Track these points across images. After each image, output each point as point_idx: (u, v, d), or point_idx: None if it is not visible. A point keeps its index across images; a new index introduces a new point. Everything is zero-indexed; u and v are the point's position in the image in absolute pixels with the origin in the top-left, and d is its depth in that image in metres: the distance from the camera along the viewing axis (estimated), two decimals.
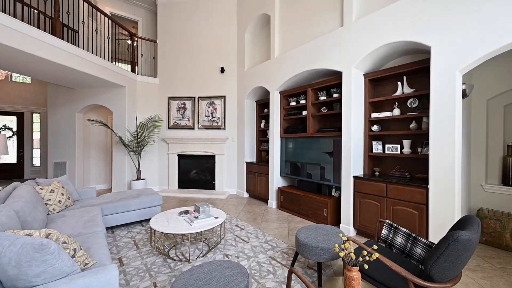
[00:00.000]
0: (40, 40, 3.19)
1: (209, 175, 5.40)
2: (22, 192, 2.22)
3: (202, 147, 5.29)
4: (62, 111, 5.24)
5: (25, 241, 1.16)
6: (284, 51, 4.07)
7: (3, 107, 6.83)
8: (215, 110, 5.29)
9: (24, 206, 1.98)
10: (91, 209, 2.80)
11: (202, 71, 5.36)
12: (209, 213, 2.69)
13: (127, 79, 4.99)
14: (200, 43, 5.37)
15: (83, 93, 5.14)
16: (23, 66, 3.59)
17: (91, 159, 5.61)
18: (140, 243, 2.78)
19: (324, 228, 2.22)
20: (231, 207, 4.22)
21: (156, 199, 3.42)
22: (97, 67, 4.18)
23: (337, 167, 3.24)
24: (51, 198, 2.71)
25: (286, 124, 4.24)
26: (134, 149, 4.87)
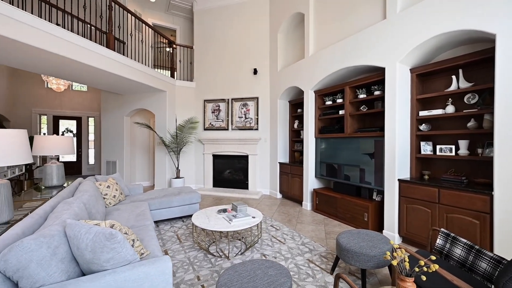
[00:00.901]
0: (97, 53, 3.60)
1: (242, 175, 5.51)
2: (86, 187, 2.53)
3: (236, 148, 5.42)
4: (112, 115, 5.84)
5: (97, 230, 1.32)
6: (318, 49, 3.97)
7: (66, 112, 7.87)
8: (248, 111, 5.38)
9: (90, 199, 2.25)
10: (140, 204, 3.07)
11: (236, 73, 5.50)
12: (246, 213, 2.75)
13: (167, 84, 5.36)
14: (234, 46, 5.51)
15: (130, 98, 5.66)
16: (82, 76, 4.10)
17: (136, 158, 6.15)
18: (182, 238, 2.96)
19: (368, 234, 2.11)
20: (265, 207, 4.25)
21: (195, 197, 3.60)
22: (142, 74, 4.57)
23: (379, 169, 3.04)
24: (108, 193, 3.04)
25: (321, 124, 4.12)
26: (174, 149, 5.21)
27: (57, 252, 1.26)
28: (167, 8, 6.40)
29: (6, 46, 2.80)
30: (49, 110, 7.63)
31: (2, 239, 1.27)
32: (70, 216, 1.65)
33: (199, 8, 5.84)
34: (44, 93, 7.51)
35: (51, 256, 1.22)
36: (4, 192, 1.51)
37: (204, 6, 5.77)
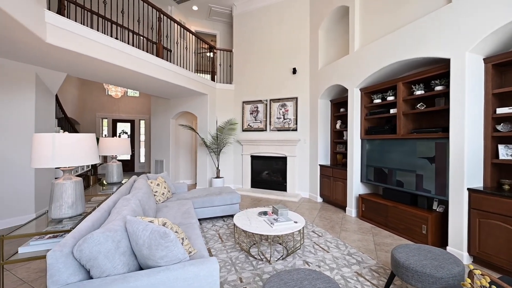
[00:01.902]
0: (148, 62, 3.94)
1: (280, 177, 5.44)
2: (140, 185, 2.77)
3: (274, 149, 5.37)
4: (160, 118, 6.34)
5: (153, 228, 1.41)
6: (365, 44, 3.67)
7: (122, 116, 8.86)
8: (287, 112, 5.28)
9: (144, 196, 2.45)
10: (185, 202, 3.24)
11: (274, 74, 5.46)
12: (287, 217, 2.67)
13: (208, 87, 5.59)
14: (272, 46, 5.48)
15: (175, 102, 6.07)
16: (135, 83, 4.52)
17: (180, 157, 6.57)
18: (224, 237, 3.02)
19: (430, 251, 1.84)
20: (305, 211, 4.10)
21: (235, 197, 3.66)
22: (186, 79, 4.85)
23: (440, 176, 2.66)
24: (158, 190, 3.28)
25: (368, 125, 3.80)
26: (214, 149, 5.40)
27: (120, 246, 1.37)
28: (208, 15, 6.69)
29: (79, 61, 3.24)
30: (109, 114, 8.68)
31: (78, 229, 1.44)
32: (129, 212, 1.80)
33: (238, 12, 5.96)
34: (105, 100, 8.58)
35: (115, 250, 1.33)
36: (78, 188, 1.72)
37: (243, 9, 5.87)
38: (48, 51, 2.96)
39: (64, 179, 1.67)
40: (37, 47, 2.83)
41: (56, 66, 3.57)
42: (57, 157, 1.52)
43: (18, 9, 2.25)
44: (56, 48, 2.87)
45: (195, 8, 6.35)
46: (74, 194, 1.69)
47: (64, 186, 1.64)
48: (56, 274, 1.18)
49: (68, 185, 1.66)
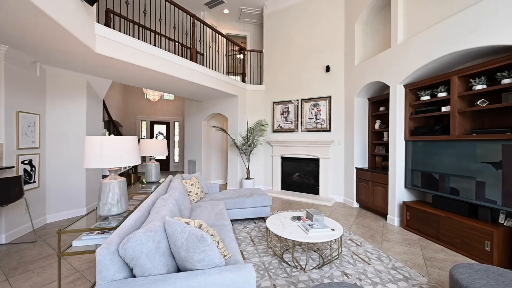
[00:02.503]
0: (183, 66, 4.09)
1: (312, 179, 5.23)
2: (176, 185, 2.86)
3: (305, 150, 5.19)
4: (193, 119, 6.59)
5: (190, 230, 1.41)
6: (410, 36, 3.32)
7: (159, 118, 9.43)
8: (319, 112, 5.06)
9: (179, 196, 2.52)
10: (218, 202, 3.28)
11: (305, 73, 5.28)
12: (323, 223, 2.52)
13: (238, 89, 5.63)
14: (304, 45, 5.31)
15: (207, 104, 6.25)
16: (171, 87, 4.74)
17: (211, 158, 6.75)
18: (256, 240, 2.97)
19: (503, 274, 1.55)
20: (340, 217, 3.86)
21: (266, 199, 3.60)
22: (217, 81, 4.94)
23: (510, 184, 2.26)
24: (192, 190, 3.38)
25: (413, 124, 3.44)
26: (245, 151, 5.42)
27: (160, 247, 1.40)
28: (238, 17, 6.77)
29: (122, 68, 3.50)
30: (147, 116, 9.31)
31: (122, 228, 1.51)
32: (167, 212, 1.84)
33: (268, 11, 5.91)
34: (144, 104, 9.22)
35: (156, 250, 1.36)
36: (122, 188, 1.81)
37: (273, 8, 5.80)
38: (97, 60, 3.24)
39: (110, 179, 1.78)
40: (87, 57, 3.12)
41: (103, 74, 3.90)
42: (104, 159, 1.61)
43: (74, 24, 2.49)
44: (103, 57, 3.12)
45: (226, 12, 6.46)
46: (118, 193, 1.79)
47: (110, 185, 1.75)
48: (103, 271, 1.24)
49: (113, 184, 1.76)
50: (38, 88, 3.43)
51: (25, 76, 3.19)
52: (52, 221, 3.65)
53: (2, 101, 2.86)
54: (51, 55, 3.07)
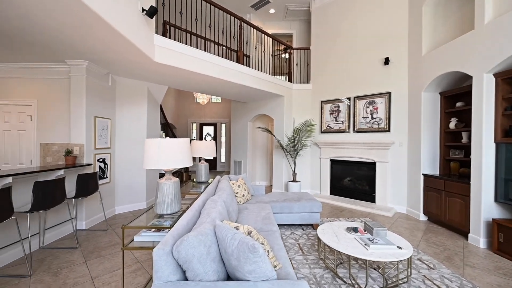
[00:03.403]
0: (231, 69, 4.16)
1: (367, 185, 4.72)
2: (224, 186, 2.89)
3: (359, 153, 4.71)
4: (239, 121, 6.72)
5: (240, 238, 1.33)
6: (503, 11, 2.64)
7: (207, 120, 9.98)
8: (376, 110, 4.53)
9: (228, 198, 2.52)
10: (264, 206, 3.19)
11: (359, 68, 4.80)
12: (386, 238, 2.18)
13: (284, 88, 5.48)
14: (356, 37, 4.84)
15: (253, 105, 6.28)
16: (218, 89, 4.89)
17: (256, 159, 6.76)
18: (305, 249, 2.78)
19: None
20: (404, 231, 3.35)
21: (315, 205, 3.36)
22: (263, 82, 4.89)
23: None
24: (239, 192, 3.38)
25: (508, 123, 2.73)
26: (291, 152, 5.23)
27: (210, 252, 1.37)
28: (284, 16, 6.62)
29: (177, 74, 3.74)
30: (197, 119, 9.95)
31: (176, 228, 1.53)
32: (216, 215, 1.83)
33: (316, 6, 5.60)
34: (194, 107, 9.89)
35: (207, 255, 1.33)
36: (176, 188, 1.87)
37: (322, 1, 5.46)
38: (155, 68, 3.54)
39: (165, 179, 1.86)
40: (147, 66, 3.42)
41: (160, 81, 4.26)
42: (161, 161, 1.68)
43: (138, 37, 2.75)
44: (161, 65, 3.38)
45: (272, 11, 6.40)
46: (173, 193, 1.86)
47: (165, 185, 1.82)
48: (159, 271, 1.26)
49: (168, 185, 1.83)
50: (110, 95, 3.94)
51: (100, 86, 3.68)
52: (119, 212, 4.14)
53: (83, 108, 3.35)
54: (119, 66, 3.48)
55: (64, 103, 3.44)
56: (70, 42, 2.64)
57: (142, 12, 2.92)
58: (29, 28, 2.33)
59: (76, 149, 3.36)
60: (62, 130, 3.44)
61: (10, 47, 2.84)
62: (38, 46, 2.77)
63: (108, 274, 2.32)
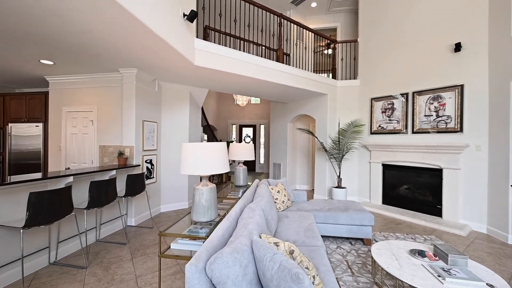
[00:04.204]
0: (270, 68, 3.99)
1: (430, 195, 3.99)
2: (262, 191, 2.72)
3: (419, 157, 4.02)
4: (278, 122, 6.50)
5: (281, 262, 1.13)
6: None
7: (246, 121, 10.03)
8: (442, 107, 3.79)
9: (266, 206, 2.34)
10: (306, 214, 2.91)
11: (419, 58, 4.10)
12: (467, 269, 1.70)
13: (328, 86, 5.06)
14: (415, 22, 4.15)
15: (292, 106, 5.99)
16: (258, 90, 4.76)
17: (297, 162, 6.44)
18: (354, 268, 2.42)
19: None
20: (486, 257, 2.66)
21: (366, 217, 2.93)
22: (305, 81, 4.58)
23: None
24: (278, 198, 3.17)
25: None
26: (335, 155, 4.79)
27: (247, 273, 1.20)
28: (328, 8, 6.17)
29: (217, 76, 3.75)
30: (237, 120, 10.09)
31: (210, 240, 1.41)
32: (254, 226, 1.66)
33: None
34: (234, 108, 10.05)
35: (242, 277, 1.16)
36: (212, 195, 1.77)
37: None
38: (196, 72, 3.58)
39: (202, 185, 1.77)
40: (188, 69, 3.48)
41: (201, 84, 4.34)
42: (196, 166, 1.59)
43: (180, 43, 2.79)
44: (201, 69, 3.41)
45: (313, 5, 6.02)
46: (209, 200, 1.76)
47: (201, 192, 1.73)
48: None
49: (204, 191, 1.74)
50: (156, 100, 4.16)
51: (148, 91, 3.91)
52: (164, 211, 4.35)
53: (133, 113, 3.59)
54: (164, 72, 3.63)
55: (117, 108, 3.75)
56: (122, 52, 2.83)
57: (183, 17, 2.96)
58: (90, 42, 2.56)
59: (127, 150, 3.62)
60: (116, 133, 3.75)
61: (76, 61, 3.20)
62: (97, 58, 3.05)
63: (150, 274, 2.37)
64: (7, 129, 4.27)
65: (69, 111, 3.94)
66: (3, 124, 4.31)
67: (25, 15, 1.99)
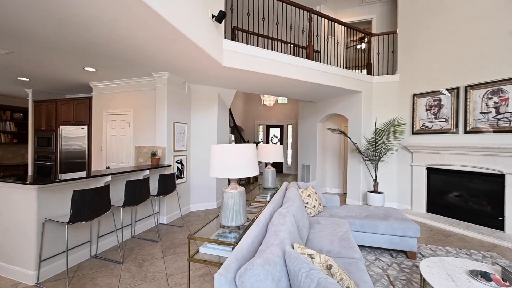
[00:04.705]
0: (300, 66, 3.83)
1: (488, 205, 3.45)
2: (292, 195, 2.57)
3: (475, 160, 3.50)
4: (307, 122, 6.26)
5: (319, 280, 1.00)
6: None
7: (273, 122, 9.90)
8: (505, 102, 3.25)
9: (297, 211, 2.20)
10: (340, 222, 2.70)
11: (474, 47, 3.58)
12: None
13: (362, 83, 4.70)
14: (470, 7, 3.62)
15: (322, 105, 5.71)
16: (286, 90, 4.61)
17: (327, 163, 6.13)
18: (398, 285, 2.15)
19: None
20: None
21: (411, 228, 2.61)
22: (337, 78, 4.31)
23: None
24: (308, 202, 3.00)
25: None
26: (371, 157, 4.42)
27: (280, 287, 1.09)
28: (361, 0, 5.76)
29: (244, 77, 3.70)
30: (264, 121, 10.01)
31: (239, 248, 1.33)
32: (286, 234, 1.54)
33: None
34: (261, 109, 9.99)
35: None
36: (241, 199, 1.69)
37: None
38: (224, 73, 3.58)
39: (231, 188, 1.71)
40: (217, 71, 3.49)
41: (229, 85, 4.34)
42: (225, 169, 1.53)
43: (209, 45, 2.80)
44: (229, 69, 3.39)
45: None
46: (238, 204, 1.69)
47: (230, 195, 1.67)
48: None
49: (233, 195, 1.67)
50: (186, 102, 4.27)
51: (179, 94, 4.02)
52: (194, 210, 4.44)
53: (165, 115, 3.72)
54: (193, 74, 3.69)
55: (151, 111, 3.92)
56: (156, 55, 2.93)
57: (212, 18, 2.97)
58: (126, 49, 2.69)
59: (160, 151, 3.75)
60: (150, 135, 3.92)
61: (114, 67, 3.41)
62: (133, 63, 3.21)
63: (180, 274, 2.38)
64: (59, 131, 4.75)
65: (109, 114, 4.24)
66: (55, 127, 4.81)
67: (70, 24, 2.14)
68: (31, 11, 1.93)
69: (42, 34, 2.37)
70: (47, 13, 1.95)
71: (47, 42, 2.55)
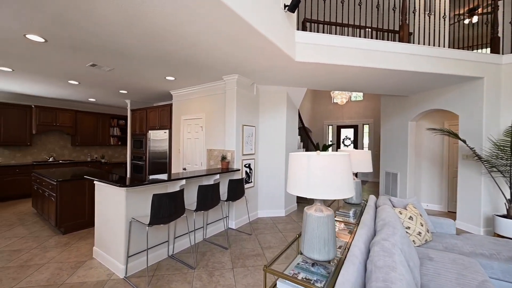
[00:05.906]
0: (386, 52, 3.06)
1: None
2: (389, 217, 1.95)
3: None
4: (393, 120, 5.17)
5: None
6: None
7: (345, 122, 8.85)
8: None
9: (404, 243, 1.60)
10: (466, 261, 1.88)
11: None
12: None
13: (485, 65, 3.44)
14: None
15: (416, 99, 4.57)
16: (364, 83, 3.82)
17: (421, 172, 4.89)
18: None
19: None
20: None
21: None
22: (442, 62, 3.27)
23: None
24: (410, 227, 2.27)
25: None
26: (501, 168, 3.15)
27: None
28: None
29: (318, 72, 3.23)
30: (334, 121, 9.08)
31: None
32: None
33: None
34: (331, 108, 9.10)
35: None
36: (330, 225, 1.28)
37: None
38: (296, 69, 3.20)
39: (315, 209, 1.32)
40: (288, 68, 3.14)
41: (300, 83, 3.93)
42: (312, 187, 1.15)
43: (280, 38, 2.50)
44: (302, 64, 3.00)
45: None
46: (325, 232, 1.28)
47: (315, 219, 1.27)
48: None
49: (319, 219, 1.27)
50: (254, 104, 4.11)
51: (247, 96, 3.90)
52: (261, 216, 4.24)
53: (234, 117, 3.64)
54: (262, 74, 3.47)
55: (221, 114, 3.93)
56: (226, 58, 2.85)
57: (284, 8, 2.65)
58: (198, 53, 2.70)
59: (229, 154, 3.71)
60: (220, 138, 3.94)
61: (189, 74, 3.56)
62: (205, 68, 3.25)
63: None
64: (148, 135, 5.45)
65: (186, 118, 4.53)
66: (145, 131, 5.54)
67: (155, 37, 2.22)
68: (130, 33, 2.08)
69: (134, 51, 2.61)
70: (141, 31, 2.07)
71: (137, 55, 2.81)
